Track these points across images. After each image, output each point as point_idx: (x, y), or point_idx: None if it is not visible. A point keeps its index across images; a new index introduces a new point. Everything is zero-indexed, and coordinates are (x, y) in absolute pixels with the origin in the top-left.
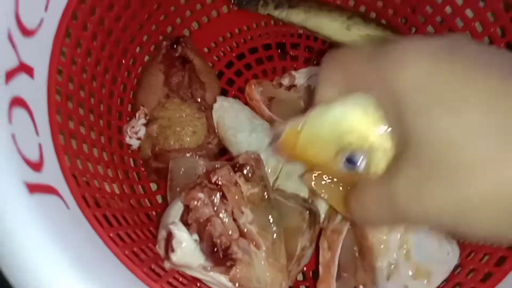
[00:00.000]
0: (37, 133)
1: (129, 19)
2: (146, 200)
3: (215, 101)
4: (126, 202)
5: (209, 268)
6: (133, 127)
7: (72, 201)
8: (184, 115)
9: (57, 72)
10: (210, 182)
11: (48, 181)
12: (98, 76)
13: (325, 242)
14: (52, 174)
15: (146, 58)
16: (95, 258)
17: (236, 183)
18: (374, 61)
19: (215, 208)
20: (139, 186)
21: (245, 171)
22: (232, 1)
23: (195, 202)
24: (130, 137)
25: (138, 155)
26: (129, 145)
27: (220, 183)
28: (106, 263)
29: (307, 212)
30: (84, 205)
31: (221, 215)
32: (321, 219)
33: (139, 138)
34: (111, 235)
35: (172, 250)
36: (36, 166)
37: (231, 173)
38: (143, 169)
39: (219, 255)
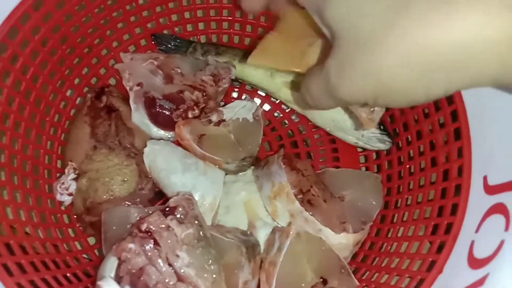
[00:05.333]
0: None
1: (48, 78)
2: (85, 256)
3: (145, 145)
4: (61, 262)
5: None
6: (63, 183)
7: None
8: (112, 165)
9: None
10: (140, 231)
11: None
12: (20, 138)
13: (263, 274)
14: None
15: (73, 111)
16: None
17: (168, 227)
18: None
19: (149, 256)
20: (76, 242)
21: (177, 214)
22: (159, 47)
23: (126, 254)
24: (61, 194)
25: (71, 212)
26: (61, 202)
27: (150, 230)
28: None
29: (244, 246)
30: (5, 275)
31: (155, 262)
32: (261, 250)
33: (70, 194)
34: None
35: None
36: None
37: (162, 218)
38: (78, 225)
39: None
